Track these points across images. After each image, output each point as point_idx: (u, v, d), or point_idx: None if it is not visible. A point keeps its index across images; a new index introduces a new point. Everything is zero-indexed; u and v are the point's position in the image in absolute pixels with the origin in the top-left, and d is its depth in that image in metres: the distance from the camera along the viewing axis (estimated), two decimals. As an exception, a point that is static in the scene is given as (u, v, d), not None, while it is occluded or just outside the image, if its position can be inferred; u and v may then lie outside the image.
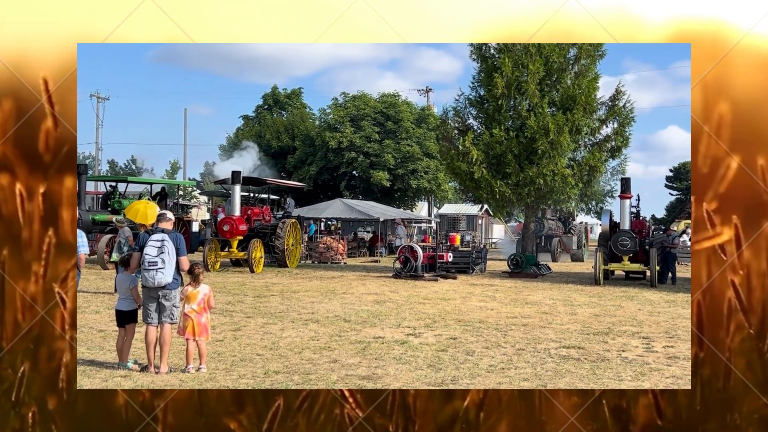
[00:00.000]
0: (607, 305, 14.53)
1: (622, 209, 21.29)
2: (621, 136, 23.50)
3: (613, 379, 7.48)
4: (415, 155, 41.40)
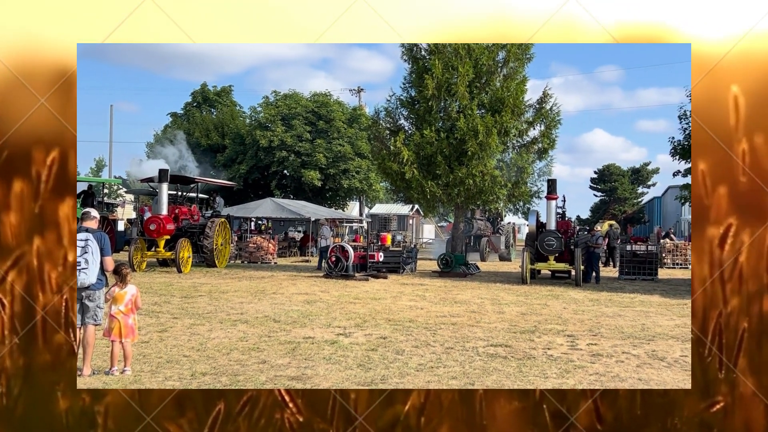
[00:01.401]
0: (534, 304, 14.83)
1: (548, 210, 21.77)
2: (548, 138, 24.03)
3: (539, 377, 7.63)
4: (347, 155, 41.38)
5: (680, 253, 31.26)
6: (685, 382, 7.51)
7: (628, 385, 7.28)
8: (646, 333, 10.91)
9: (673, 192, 46.65)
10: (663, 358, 8.86)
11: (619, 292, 18.00)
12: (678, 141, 22.51)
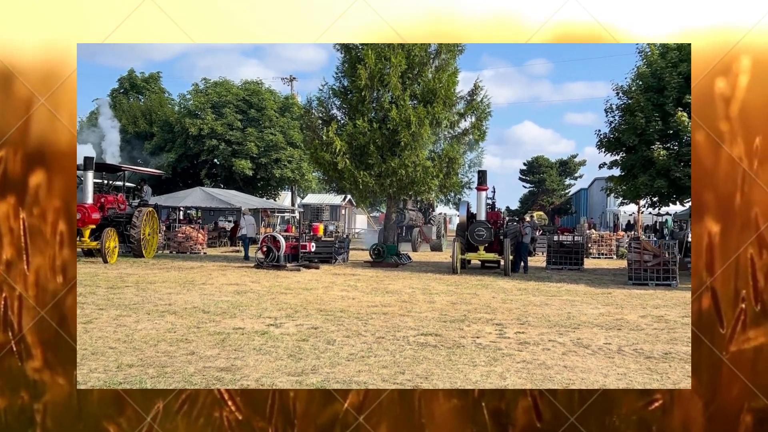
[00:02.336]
0: (464, 293, 15.02)
1: (478, 201, 22.08)
2: (478, 129, 24.33)
3: (467, 365, 7.74)
4: (279, 144, 41.03)
5: (605, 244, 32.14)
6: (608, 368, 7.73)
7: (554, 372, 7.46)
8: (571, 321, 11.17)
9: (599, 183, 47.89)
10: (588, 345, 9.10)
11: (547, 282, 18.39)
12: (604, 134, 23.03)
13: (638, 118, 20.94)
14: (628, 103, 22.06)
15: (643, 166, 21.42)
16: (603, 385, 6.99)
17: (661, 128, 20.70)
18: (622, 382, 7.10)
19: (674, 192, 21.57)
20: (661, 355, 8.54)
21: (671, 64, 21.05)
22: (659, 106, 20.92)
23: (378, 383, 6.83)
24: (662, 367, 7.85)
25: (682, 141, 20.68)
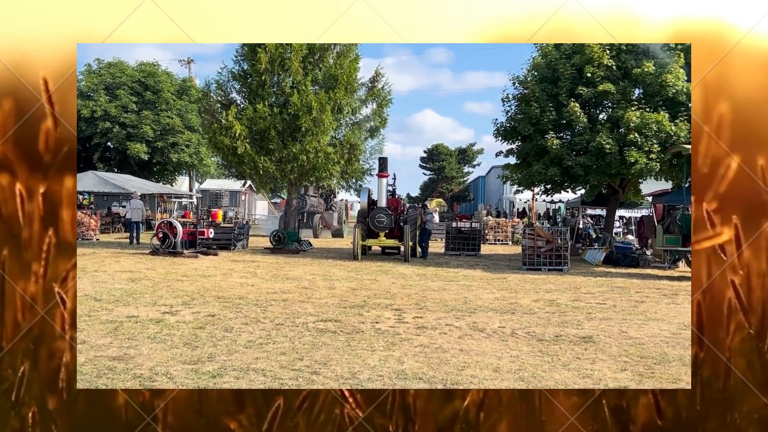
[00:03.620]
0: (364, 279, 15.11)
1: (379, 187, 22.20)
2: (379, 116, 24.48)
3: (366, 350, 7.80)
4: (176, 128, 39.98)
5: (501, 230, 33.00)
6: (502, 351, 7.95)
7: (450, 355, 7.61)
8: (468, 306, 11.43)
9: (496, 171, 49.00)
10: (483, 329, 9.33)
11: (445, 267, 18.73)
12: (501, 123, 23.59)
13: (533, 108, 21.55)
14: (524, 93, 22.65)
15: (537, 154, 22.06)
16: (495, 368, 7.19)
17: (555, 118, 21.37)
18: (515, 364, 7.33)
19: (566, 180, 22.33)
20: (552, 337, 8.86)
21: (565, 55, 21.73)
22: (553, 96, 21.58)
23: (276, 370, 6.79)
24: (553, 349, 8.14)
25: (574, 130, 21.42)
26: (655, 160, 19.92)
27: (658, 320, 10.42)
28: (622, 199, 24.69)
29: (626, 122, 19.87)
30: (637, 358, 7.77)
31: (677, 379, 6.82)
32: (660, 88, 20.11)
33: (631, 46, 20.98)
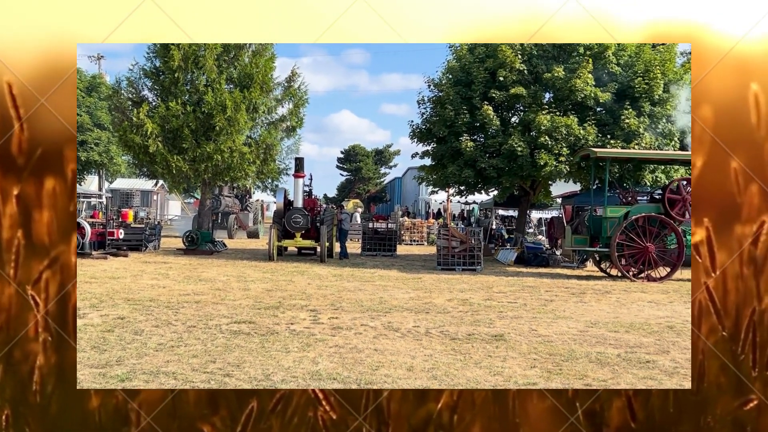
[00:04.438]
0: (279, 280, 15.01)
1: (295, 188, 22.09)
2: (296, 116, 24.36)
3: (280, 351, 7.75)
4: (85, 125, 38.71)
5: (417, 231, 33.35)
6: (416, 350, 8.04)
7: (365, 355, 7.65)
8: (383, 306, 11.51)
9: (412, 173, 49.46)
10: (398, 329, 9.41)
11: (361, 268, 18.79)
12: (417, 125, 23.84)
13: (448, 111, 21.86)
14: (439, 96, 22.96)
15: (452, 156, 22.40)
16: (408, 367, 7.26)
17: (469, 121, 21.74)
18: (428, 363, 7.42)
19: (480, 181, 22.76)
20: (465, 336, 9.01)
21: (478, 59, 22.14)
22: (467, 99, 21.95)
23: (188, 373, 6.67)
24: (465, 347, 8.29)
25: (487, 133, 21.84)
26: (565, 163, 20.52)
27: (566, 318, 10.74)
28: (533, 201, 25.34)
29: (537, 125, 20.39)
30: (546, 355, 7.99)
31: (583, 375, 7.06)
32: (569, 93, 20.72)
33: (542, 50, 21.55)
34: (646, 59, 21.24)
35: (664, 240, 17.27)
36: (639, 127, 20.40)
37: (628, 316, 11.08)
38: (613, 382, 6.82)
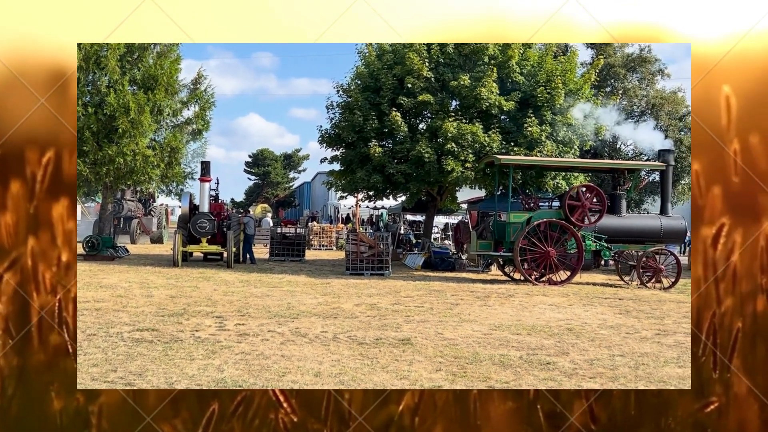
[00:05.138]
0: (184, 286, 14.71)
1: (201, 192, 21.70)
2: (202, 119, 23.93)
3: (185, 359, 7.60)
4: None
5: (326, 236, 33.31)
6: (323, 356, 8.04)
7: (272, 362, 7.59)
8: (291, 311, 11.45)
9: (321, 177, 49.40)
10: (305, 334, 9.39)
11: (269, 273, 18.63)
12: (326, 130, 23.84)
13: (356, 116, 21.96)
14: (348, 101, 23.04)
15: (360, 161, 22.51)
16: (316, 372, 7.26)
17: (377, 126, 21.90)
18: (336, 368, 7.43)
19: (388, 187, 22.95)
20: (373, 340, 9.07)
21: (387, 66, 22.35)
22: (376, 105, 22.12)
23: (87, 383, 6.46)
24: (373, 352, 8.35)
25: (395, 139, 22.06)
26: (470, 169, 20.94)
27: (471, 322, 10.96)
28: (440, 206, 25.74)
29: (444, 132, 20.74)
30: (451, 358, 8.14)
31: (487, 377, 7.22)
32: (475, 101, 21.17)
33: (448, 59, 21.94)
34: (548, 69, 21.93)
35: (565, 245, 17.83)
36: (541, 135, 21.04)
37: (530, 319, 11.40)
38: (516, 383, 7.01)
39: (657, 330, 10.60)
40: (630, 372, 7.62)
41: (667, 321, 11.62)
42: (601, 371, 7.64)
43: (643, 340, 9.71)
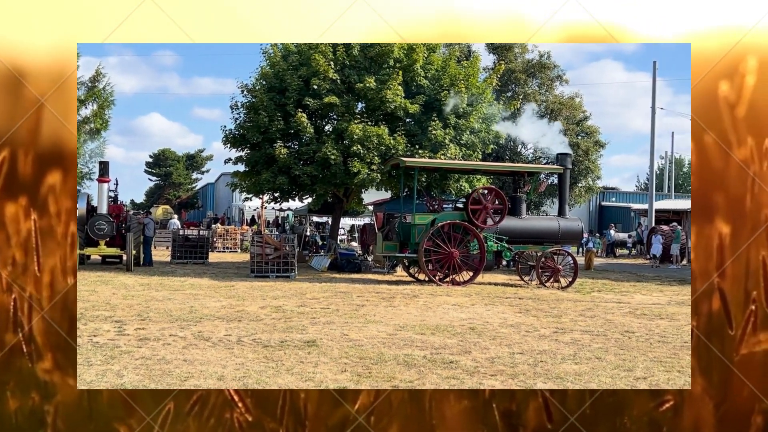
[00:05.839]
0: (81, 290, 14.19)
1: (99, 193, 21.02)
2: (100, 118, 23.20)
3: (82, 365, 7.35)
4: None
5: (230, 238, 32.83)
6: (227, 359, 7.94)
7: (174, 366, 7.43)
8: (194, 315, 11.24)
9: (225, 179, 48.67)
10: (209, 338, 9.24)
11: (171, 276, 18.22)
12: (230, 130, 23.49)
13: (262, 117, 21.74)
14: (253, 101, 22.79)
15: (266, 162, 22.29)
16: (219, 376, 7.17)
17: (283, 127, 21.75)
18: (240, 371, 7.35)
19: (294, 188, 22.83)
20: (278, 343, 9.02)
21: (292, 66, 22.23)
22: (281, 106, 21.96)
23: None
24: (278, 354, 8.30)
25: (301, 140, 21.97)
26: (376, 171, 21.08)
27: (376, 323, 11.05)
28: (346, 208, 25.80)
29: (350, 134, 20.80)
30: (357, 359, 8.18)
31: (391, 377, 7.30)
32: (380, 103, 21.33)
33: (354, 61, 22.03)
34: (452, 73, 22.33)
35: (468, 246, 18.20)
36: (445, 138, 21.40)
37: (434, 319, 11.59)
38: (419, 383, 7.12)
39: (555, 328, 10.97)
40: (529, 369, 7.87)
41: (564, 319, 12.04)
42: (502, 369, 7.85)
43: (541, 338, 10.03)
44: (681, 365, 8.22)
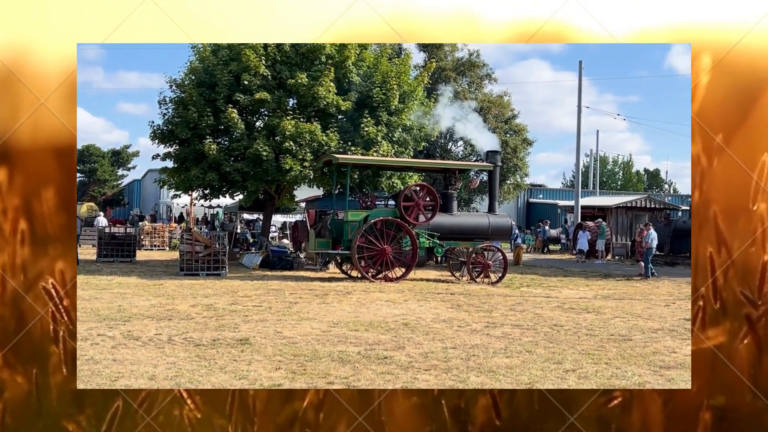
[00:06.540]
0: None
1: (21, 190, 20.28)
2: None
3: (5, 368, 7.10)
4: None
5: (158, 236, 32.18)
6: (158, 359, 7.79)
7: (103, 366, 7.26)
8: (122, 314, 10.99)
9: (152, 175, 47.64)
10: (138, 337, 9.05)
11: (97, 275, 17.76)
12: (158, 126, 23.01)
13: (191, 112, 21.38)
14: (182, 96, 22.38)
15: (195, 159, 21.93)
16: (150, 376, 7.03)
17: (213, 123, 21.44)
18: (171, 371, 7.23)
19: (225, 185, 22.53)
20: (210, 341, 8.90)
21: (222, 62, 21.92)
22: (211, 101, 21.63)
23: None
24: (210, 353, 8.19)
25: (232, 137, 21.70)
26: (309, 168, 20.99)
27: (310, 320, 11.02)
28: (277, 205, 25.60)
29: (282, 131, 20.65)
30: (291, 356, 8.15)
31: (326, 374, 7.29)
32: (312, 100, 21.24)
33: (285, 57, 21.86)
34: (384, 71, 22.40)
35: (400, 242, 18.31)
36: (377, 135, 21.46)
37: (367, 315, 11.63)
38: (354, 378, 7.14)
39: (486, 323, 11.15)
40: (462, 363, 7.98)
41: (495, 314, 12.25)
42: (436, 363, 7.93)
43: (473, 332, 10.18)
44: (608, 357, 8.47)
